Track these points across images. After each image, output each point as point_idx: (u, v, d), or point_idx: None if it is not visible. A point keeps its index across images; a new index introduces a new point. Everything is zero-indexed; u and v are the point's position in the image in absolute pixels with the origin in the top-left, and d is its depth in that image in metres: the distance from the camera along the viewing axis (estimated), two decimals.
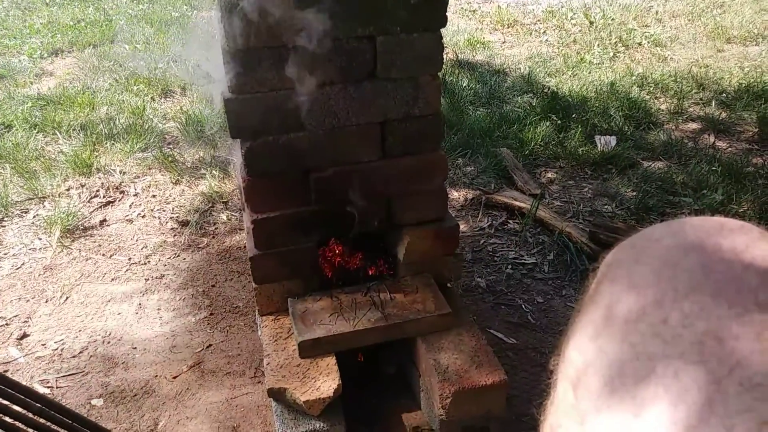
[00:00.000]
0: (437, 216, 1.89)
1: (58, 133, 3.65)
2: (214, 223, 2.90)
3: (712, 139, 3.55)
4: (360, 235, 1.95)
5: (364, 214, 1.83)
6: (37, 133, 3.67)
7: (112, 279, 2.56)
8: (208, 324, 2.32)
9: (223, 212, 2.97)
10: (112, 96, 4.13)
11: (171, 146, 3.57)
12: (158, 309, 2.39)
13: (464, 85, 4.32)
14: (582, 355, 0.36)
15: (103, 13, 5.97)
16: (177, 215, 2.95)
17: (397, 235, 1.91)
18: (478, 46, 5.14)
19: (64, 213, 2.86)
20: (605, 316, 0.36)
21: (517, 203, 2.82)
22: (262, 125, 1.60)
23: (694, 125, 3.77)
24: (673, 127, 3.71)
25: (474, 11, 6.21)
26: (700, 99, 4.07)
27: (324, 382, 1.63)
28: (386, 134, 1.72)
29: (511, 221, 2.84)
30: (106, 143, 3.53)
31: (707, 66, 4.58)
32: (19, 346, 2.24)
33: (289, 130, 1.64)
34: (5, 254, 2.72)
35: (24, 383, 1.98)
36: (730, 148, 3.46)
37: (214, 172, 3.22)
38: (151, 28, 5.46)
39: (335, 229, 1.84)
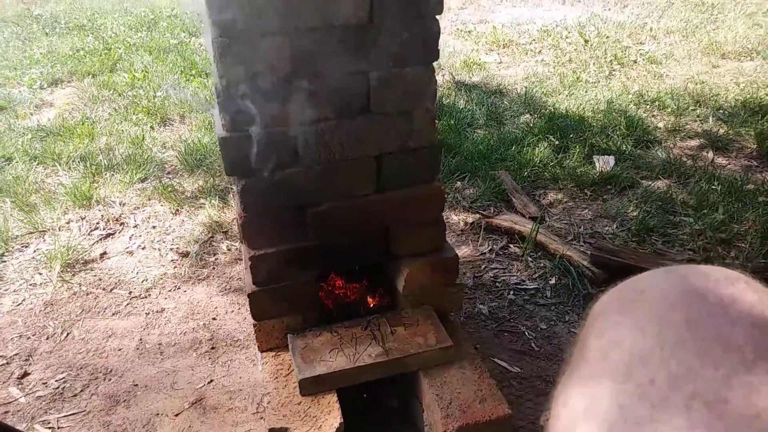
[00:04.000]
0: (435, 247, 1.88)
1: (57, 165, 3.66)
2: (214, 254, 2.90)
3: (711, 156, 3.55)
4: (359, 268, 1.95)
5: (361, 247, 1.83)
6: (37, 165, 3.69)
7: (113, 314, 2.55)
8: (209, 358, 2.30)
9: (223, 242, 2.96)
10: (111, 126, 4.15)
11: (170, 176, 3.57)
12: (159, 344, 2.38)
13: (461, 106, 4.33)
14: (571, 414, 0.36)
15: (102, 41, 6.03)
16: (177, 246, 2.95)
17: (396, 267, 1.90)
18: (474, 67, 5.17)
19: (64, 247, 2.86)
20: (593, 372, 0.36)
21: (517, 227, 2.81)
22: (257, 162, 1.60)
23: (692, 142, 3.77)
24: (672, 145, 3.71)
25: (470, 32, 6.25)
26: (698, 116, 4.07)
27: (325, 420, 1.61)
28: (382, 167, 1.72)
29: (511, 245, 2.83)
30: (106, 174, 3.54)
31: (703, 82, 4.60)
32: (20, 386, 2.22)
33: (284, 167, 1.64)
34: (6, 290, 2.71)
35: (24, 426, 1.97)
36: (729, 165, 3.46)
37: (213, 201, 3.22)
38: (149, 56, 5.51)
39: (333, 263, 1.84)
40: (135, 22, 6.64)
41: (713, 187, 3.13)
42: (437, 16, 1.55)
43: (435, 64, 1.64)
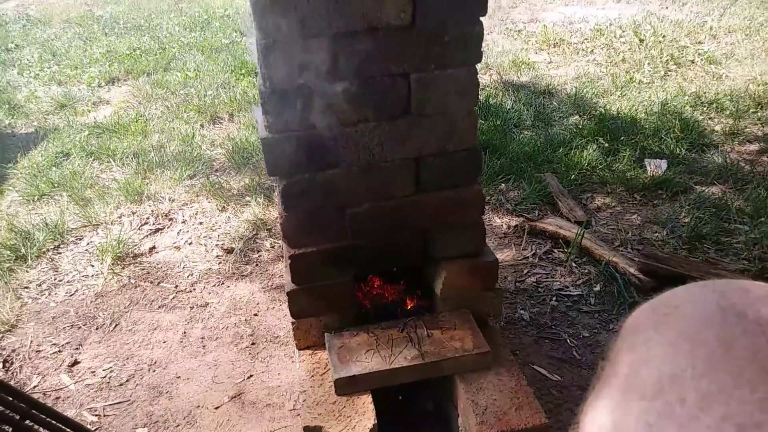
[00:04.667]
0: (475, 250, 1.86)
1: (112, 161, 3.80)
2: (258, 251, 2.95)
3: None
4: (397, 270, 1.95)
5: (400, 248, 1.82)
6: (93, 161, 3.83)
7: (159, 306, 2.63)
8: (250, 354, 2.34)
9: (267, 240, 3.01)
10: (163, 123, 4.28)
11: (218, 173, 3.66)
12: (202, 338, 2.44)
13: (509, 107, 4.27)
14: (599, 430, 0.35)
15: (157, 41, 6.21)
16: (222, 242, 3.02)
17: (434, 269, 1.89)
18: (523, 66, 5.08)
19: (115, 240, 2.97)
20: (623, 388, 0.35)
21: (562, 231, 2.75)
22: (298, 163, 1.62)
23: (751, 147, 3.60)
24: (729, 149, 3.56)
25: (519, 31, 6.15)
26: (758, 119, 3.89)
27: (359, 421, 1.62)
28: (421, 169, 1.71)
29: (555, 250, 2.76)
30: (157, 170, 3.65)
31: (766, 83, 4.38)
32: (70, 374, 2.31)
33: (324, 167, 1.65)
34: (60, 281, 2.83)
35: (73, 412, 2.05)
36: None
37: (258, 199, 3.28)
38: (202, 55, 5.65)
39: (372, 263, 1.84)
40: (189, 22, 6.83)
41: None
42: (481, 18, 1.53)
43: (482, 63, 1.61)
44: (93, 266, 2.91)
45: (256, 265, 2.87)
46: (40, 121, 4.56)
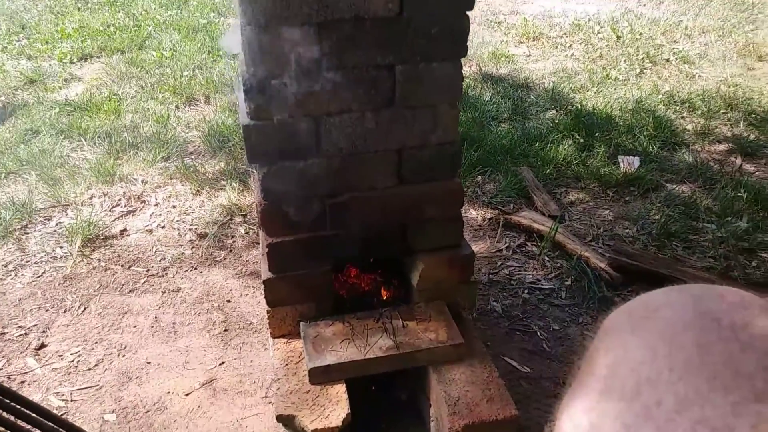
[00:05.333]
0: (453, 243, 1.88)
1: (83, 140, 3.71)
2: (232, 237, 2.92)
3: (738, 161, 3.47)
4: (375, 261, 1.95)
5: (379, 240, 1.82)
6: (64, 139, 3.73)
7: (130, 291, 2.59)
8: (222, 340, 2.33)
9: (241, 225, 2.99)
10: (137, 103, 4.18)
11: (193, 156, 3.60)
12: (173, 323, 2.41)
13: (487, 99, 4.29)
14: (576, 428, 0.36)
15: (132, 18, 6.06)
16: (196, 227, 2.98)
17: (412, 261, 1.90)
18: (502, 59, 5.10)
19: (86, 222, 2.91)
20: (600, 389, 0.36)
21: (536, 225, 2.79)
22: (280, 151, 1.60)
23: (721, 147, 3.69)
24: (700, 149, 3.64)
25: (500, 23, 6.17)
26: (728, 119, 3.98)
27: (333, 410, 1.62)
28: (403, 161, 1.71)
29: (529, 243, 2.80)
30: (130, 151, 3.58)
31: (736, 85, 4.48)
32: (36, 357, 2.27)
33: (306, 157, 1.64)
34: (27, 262, 2.77)
35: (39, 396, 2.01)
36: (757, 172, 3.38)
37: (234, 184, 3.24)
38: (178, 35, 5.52)
39: (350, 254, 1.84)
40: (166, 0, 6.66)
41: (739, 194, 3.07)
42: (467, 12, 1.53)
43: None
44: (62, 248, 2.84)
45: (230, 251, 2.84)
46: (8, 97, 4.42)
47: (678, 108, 4.14)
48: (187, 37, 5.46)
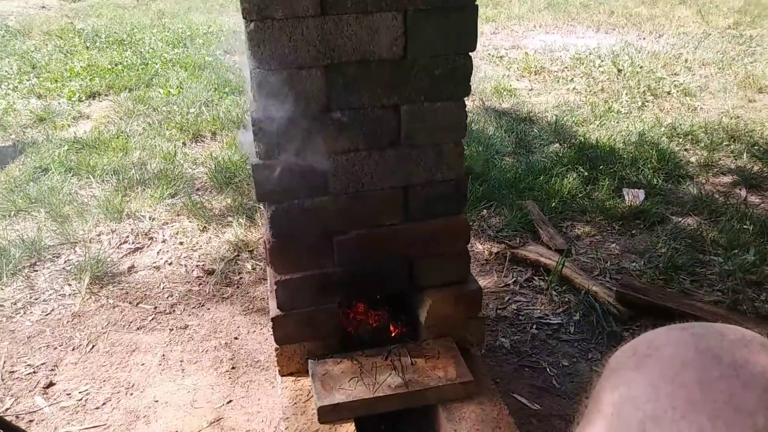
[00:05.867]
0: (459, 279, 1.88)
1: (91, 177, 3.75)
2: (239, 273, 2.93)
3: (743, 194, 3.48)
4: (382, 297, 1.95)
5: (385, 276, 1.83)
6: (72, 176, 3.78)
7: (138, 328, 2.59)
8: (230, 378, 2.31)
9: (248, 261, 3.00)
10: (145, 140, 4.25)
11: (200, 192, 3.64)
12: (181, 361, 2.40)
13: (491, 133, 4.33)
14: None
15: (139, 56, 6.19)
16: (203, 263, 2.99)
17: (419, 297, 1.90)
18: (504, 93, 5.18)
19: (94, 259, 2.92)
20: (606, 428, 0.37)
21: (542, 259, 2.79)
22: (288, 190, 1.63)
23: (725, 179, 3.71)
24: (704, 181, 3.65)
25: (501, 57, 6.27)
26: (731, 151, 4.01)
27: None
28: (409, 198, 1.73)
29: (536, 277, 2.80)
30: (138, 188, 3.61)
31: (738, 117, 4.53)
32: (44, 395, 2.26)
33: (313, 195, 1.66)
34: (36, 299, 2.77)
35: None
36: (763, 204, 3.38)
37: (240, 220, 3.26)
38: (185, 72, 5.63)
39: (357, 290, 1.84)
40: (172, 38, 6.82)
41: (745, 226, 3.07)
42: (471, 53, 1.56)
43: None
44: (70, 285, 2.85)
45: (237, 287, 2.84)
46: (18, 135, 4.49)
47: (681, 140, 4.17)
48: (193, 74, 5.57)
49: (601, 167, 3.75)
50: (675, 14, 7.87)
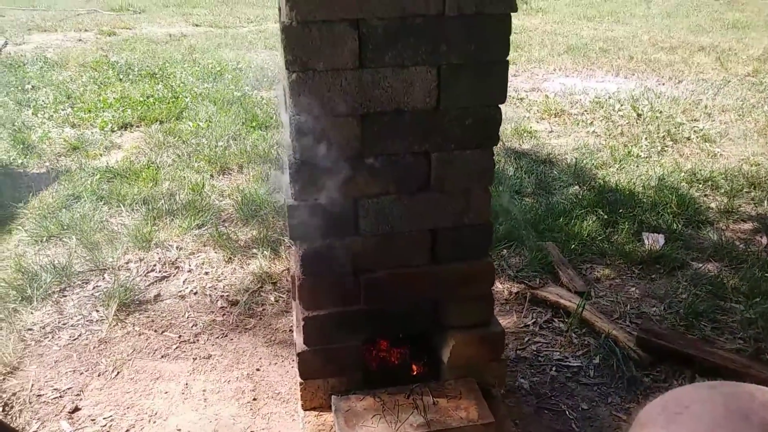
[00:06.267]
0: (483, 320, 1.92)
1: (122, 206, 3.87)
2: (262, 304, 2.98)
3: (764, 241, 3.49)
4: (406, 336, 2.00)
5: (411, 315, 1.88)
6: (103, 205, 3.90)
7: (162, 356, 2.65)
8: (251, 409, 2.35)
9: (271, 293, 3.06)
10: (174, 172, 4.37)
11: (226, 224, 3.73)
12: (204, 390, 2.45)
13: (511, 173, 4.40)
14: None
15: (170, 90, 6.39)
16: (227, 294, 3.06)
17: (443, 337, 1.94)
18: (525, 134, 5.26)
19: (122, 287, 3.00)
20: None
21: (562, 301, 2.81)
22: (320, 229, 1.69)
23: (745, 225, 3.72)
24: (724, 227, 3.67)
25: (521, 99, 6.37)
26: (752, 198, 4.02)
27: None
28: (437, 241, 1.79)
29: (556, 319, 2.82)
30: (166, 218, 3.72)
31: (758, 164, 4.55)
32: (70, 420, 2.31)
33: (344, 235, 1.73)
34: (64, 324, 2.85)
35: None
36: None
37: (265, 252, 3.34)
38: (214, 106, 5.81)
39: (382, 328, 1.89)
40: (202, 73, 7.03)
41: (766, 274, 3.07)
42: (500, 105, 1.64)
43: None
44: (98, 311, 2.93)
45: (260, 318, 2.90)
46: (52, 162, 4.65)
47: (701, 186, 4.19)
48: (222, 108, 5.74)
49: (620, 210, 3.78)
50: (694, 60, 7.96)
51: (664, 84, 6.95)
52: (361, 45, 1.48)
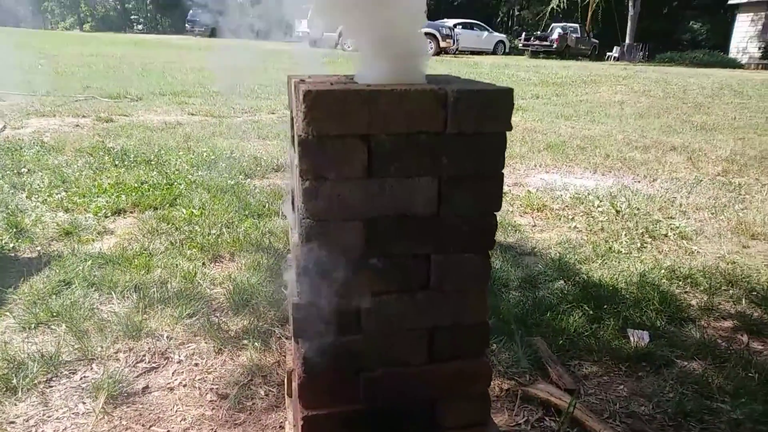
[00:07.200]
0: (479, 421, 1.95)
1: (113, 293, 3.87)
2: (252, 398, 2.96)
3: (746, 339, 3.58)
4: None
5: (408, 414, 1.90)
6: (94, 291, 3.90)
7: None
8: None
9: (261, 387, 3.04)
10: (166, 259, 4.41)
11: (217, 313, 3.74)
12: None
13: (497, 267, 4.51)
14: None
15: (165, 177, 6.53)
16: (217, 387, 3.03)
17: None
18: (509, 228, 5.43)
19: (110, 378, 2.97)
20: None
21: (553, 399, 2.84)
22: (324, 329, 1.75)
23: (726, 323, 3.82)
24: (705, 325, 3.77)
25: (505, 193, 6.61)
26: (730, 296, 4.15)
27: None
28: (435, 340, 1.85)
29: (547, 418, 2.83)
30: (157, 307, 3.72)
31: (734, 262, 4.73)
32: None
33: (346, 332, 1.78)
34: (49, 417, 2.79)
35: None
36: (765, 351, 3.47)
37: (256, 343, 3.34)
38: (208, 194, 5.94)
39: (381, 428, 1.90)
40: (196, 161, 7.22)
41: (750, 374, 3.14)
42: (495, 213, 1.76)
43: None
44: (84, 403, 2.88)
45: (250, 413, 2.87)
46: (44, 247, 4.67)
47: (681, 283, 4.33)
48: (215, 196, 5.87)
49: (605, 306, 3.87)
50: (667, 160, 8.39)
51: (639, 182, 7.28)
52: (370, 157, 1.61)
